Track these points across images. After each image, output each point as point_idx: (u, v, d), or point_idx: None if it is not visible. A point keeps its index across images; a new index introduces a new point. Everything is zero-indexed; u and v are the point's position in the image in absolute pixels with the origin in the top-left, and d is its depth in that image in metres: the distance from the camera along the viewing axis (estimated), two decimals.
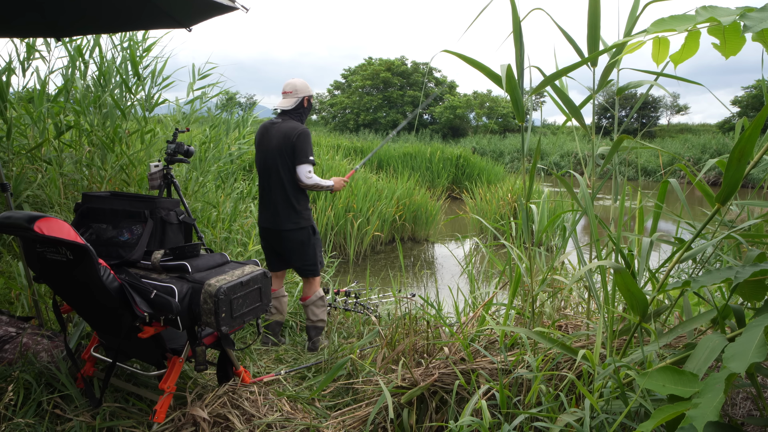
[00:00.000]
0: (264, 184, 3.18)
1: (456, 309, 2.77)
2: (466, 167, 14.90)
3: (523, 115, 1.85)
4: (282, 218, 3.12)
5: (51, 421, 2.09)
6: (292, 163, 3.07)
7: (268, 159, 3.12)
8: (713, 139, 22.60)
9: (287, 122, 3.13)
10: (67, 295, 2.14)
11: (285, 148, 3.06)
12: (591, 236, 2.08)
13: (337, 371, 2.06)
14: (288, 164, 3.07)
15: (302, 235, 3.16)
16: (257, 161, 3.21)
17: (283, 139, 3.06)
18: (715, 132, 26.59)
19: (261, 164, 3.17)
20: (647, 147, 1.90)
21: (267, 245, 3.31)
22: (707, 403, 0.97)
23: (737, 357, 1.00)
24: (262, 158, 3.16)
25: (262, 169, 3.17)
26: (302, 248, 3.18)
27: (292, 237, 3.15)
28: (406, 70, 34.92)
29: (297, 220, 3.13)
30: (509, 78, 1.73)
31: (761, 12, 1.05)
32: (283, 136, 3.07)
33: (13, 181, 3.34)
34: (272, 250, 3.30)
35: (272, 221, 3.16)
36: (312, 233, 3.22)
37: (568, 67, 1.58)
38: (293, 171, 3.08)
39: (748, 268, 1.21)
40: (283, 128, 3.09)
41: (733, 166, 1.23)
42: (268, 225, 3.20)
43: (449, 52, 1.75)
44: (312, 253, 3.22)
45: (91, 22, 2.97)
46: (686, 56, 1.33)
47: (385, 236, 8.36)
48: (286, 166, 3.08)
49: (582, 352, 1.53)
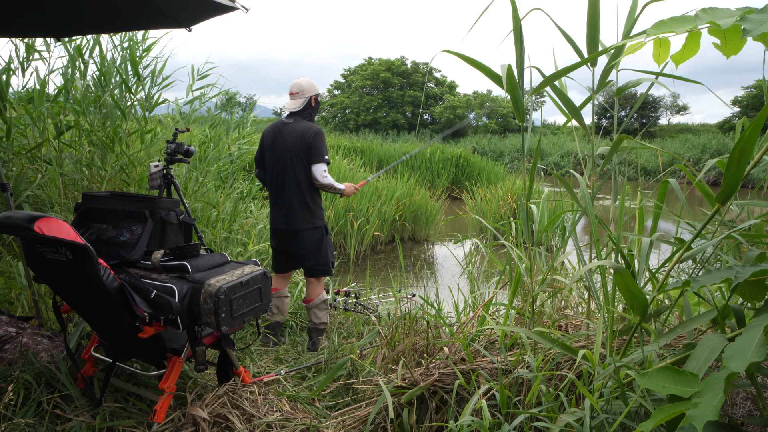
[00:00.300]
0: (277, 185, 3.18)
1: (456, 309, 2.77)
2: (466, 167, 14.90)
3: (523, 115, 1.85)
4: (297, 218, 3.13)
5: (51, 421, 2.09)
6: (308, 162, 3.09)
7: (282, 159, 3.12)
8: (713, 139, 22.60)
9: (300, 122, 3.15)
10: (67, 295, 2.14)
11: (301, 147, 3.08)
12: (591, 236, 2.08)
13: (337, 371, 2.06)
14: (304, 163, 3.09)
15: (316, 234, 3.18)
16: (269, 162, 3.20)
17: (299, 139, 3.08)
18: (715, 132, 26.58)
19: (275, 164, 3.17)
20: (647, 147, 1.90)
21: (278, 246, 3.29)
22: (707, 402, 0.97)
23: (737, 357, 0.99)
24: (276, 158, 3.15)
25: (275, 169, 3.17)
26: (316, 248, 3.19)
27: (307, 237, 3.16)
28: (406, 70, 34.91)
29: (312, 219, 3.15)
30: (509, 78, 1.73)
31: (761, 14, 1.05)
32: (298, 136, 3.09)
33: (13, 181, 3.34)
34: (283, 251, 3.28)
35: (286, 221, 3.16)
36: (325, 233, 3.23)
37: (567, 68, 1.58)
38: (308, 170, 3.10)
39: (748, 268, 1.21)
40: (298, 128, 3.11)
41: (733, 166, 1.23)
42: (282, 226, 3.19)
43: (450, 52, 1.75)
44: (325, 252, 3.22)
45: (91, 22, 2.97)
46: (687, 56, 1.34)
47: (385, 236, 8.36)
48: (301, 166, 3.09)
49: (582, 352, 1.53)
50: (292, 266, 3.34)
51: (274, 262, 3.37)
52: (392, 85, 34.64)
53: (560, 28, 1.77)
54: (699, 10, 1.14)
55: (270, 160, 3.19)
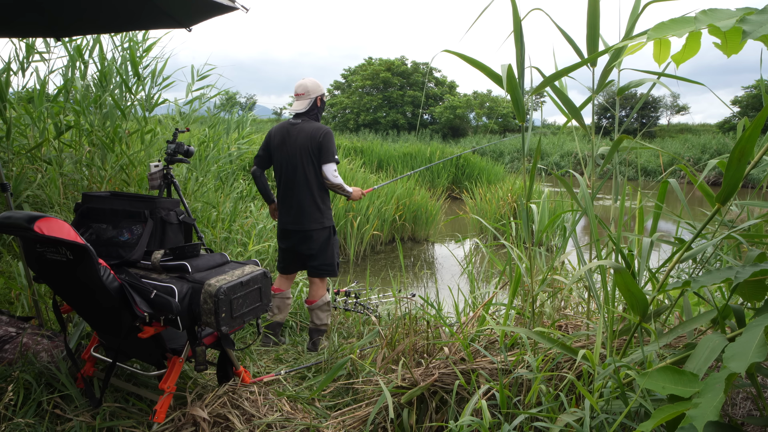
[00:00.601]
0: (287, 185, 3.18)
1: (456, 309, 2.77)
2: (466, 167, 14.91)
3: (523, 114, 1.85)
4: (307, 218, 3.14)
5: (51, 421, 2.09)
6: (318, 162, 3.10)
7: (292, 159, 3.13)
8: (713, 139, 22.59)
9: (308, 123, 3.15)
10: (67, 295, 2.14)
11: (311, 147, 3.08)
12: (591, 236, 2.08)
13: (337, 371, 2.06)
14: (314, 163, 3.10)
15: (325, 234, 3.19)
16: (278, 162, 3.20)
17: (309, 139, 3.08)
18: (715, 132, 26.58)
19: (284, 165, 3.17)
20: (647, 147, 1.90)
21: (287, 247, 3.27)
22: (707, 402, 0.97)
23: (737, 357, 0.99)
24: (285, 159, 3.15)
25: (285, 169, 3.17)
26: (323, 248, 3.19)
27: (316, 237, 3.16)
28: (406, 70, 34.90)
29: (321, 219, 3.16)
30: (510, 78, 1.73)
31: (761, 15, 1.05)
32: (308, 136, 3.09)
33: (13, 181, 3.34)
34: (292, 252, 3.27)
35: (297, 222, 3.16)
36: (332, 233, 3.23)
37: (567, 68, 1.58)
38: (318, 170, 3.11)
39: (748, 268, 1.21)
40: (307, 128, 3.12)
41: (733, 166, 1.23)
42: (291, 227, 3.19)
43: (450, 52, 1.75)
44: (331, 253, 3.23)
45: (90, 22, 2.97)
46: (688, 56, 1.33)
47: (385, 236, 8.36)
48: (311, 166, 3.10)
49: (582, 352, 1.53)
50: (298, 267, 3.34)
51: (280, 263, 3.36)
52: (392, 85, 34.64)
53: (560, 28, 1.77)
54: (699, 12, 1.14)
55: (279, 160, 3.19)
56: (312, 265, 3.23)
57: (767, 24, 1.02)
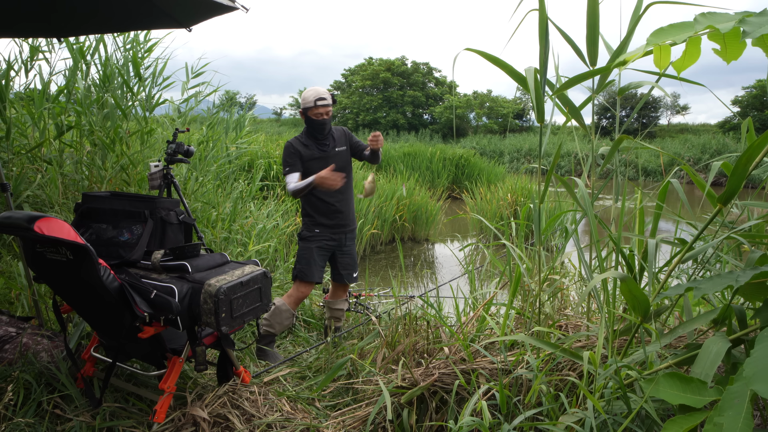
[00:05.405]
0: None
1: (456, 309, 2.76)
2: (466, 167, 14.89)
3: (543, 116, 1.83)
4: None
5: (51, 421, 2.09)
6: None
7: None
8: (713, 139, 22.57)
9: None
10: (66, 295, 2.14)
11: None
12: (591, 237, 2.07)
13: (337, 371, 2.06)
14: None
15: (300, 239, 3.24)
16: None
17: None
18: (716, 132, 26.55)
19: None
20: (647, 147, 1.90)
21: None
22: (731, 423, 0.89)
23: (760, 377, 0.90)
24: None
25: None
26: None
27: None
28: (406, 70, 34.88)
29: (303, 226, 3.23)
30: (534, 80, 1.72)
31: (760, 17, 1.05)
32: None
33: (13, 181, 3.34)
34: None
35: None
36: (300, 239, 3.22)
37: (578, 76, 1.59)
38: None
39: (748, 272, 1.21)
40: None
41: (738, 171, 1.23)
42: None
43: (472, 50, 1.73)
44: (298, 257, 3.18)
45: (91, 23, 2.97)
46: (688, 63, 1.32)
47: (385, 236, 8.35)
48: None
49: (586, 357, 1.52)
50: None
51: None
52: (392, 85, 34.61)
53: (559, 28, 1.76)
54: (698, 14, 1.14)
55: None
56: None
57: (766, 25, 1.03)
